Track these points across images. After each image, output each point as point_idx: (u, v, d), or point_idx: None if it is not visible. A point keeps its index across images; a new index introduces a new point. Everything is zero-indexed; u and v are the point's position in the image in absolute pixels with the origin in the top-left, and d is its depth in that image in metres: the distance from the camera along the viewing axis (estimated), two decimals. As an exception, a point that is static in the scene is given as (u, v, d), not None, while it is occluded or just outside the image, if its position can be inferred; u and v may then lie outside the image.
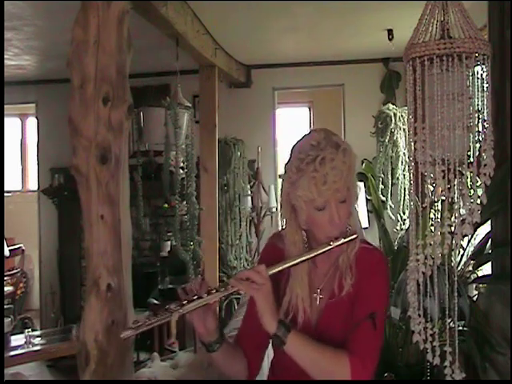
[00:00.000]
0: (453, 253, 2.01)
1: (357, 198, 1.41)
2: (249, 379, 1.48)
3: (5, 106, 5.52)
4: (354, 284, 1.39)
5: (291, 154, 1.38)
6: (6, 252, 5.66)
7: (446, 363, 1.36)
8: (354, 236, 1.37)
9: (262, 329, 1.34)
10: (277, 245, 1.46)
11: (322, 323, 1.43)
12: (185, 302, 1.28)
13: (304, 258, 1.35)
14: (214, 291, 1.30)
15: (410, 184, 1.42)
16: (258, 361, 1.51)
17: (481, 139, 1.33)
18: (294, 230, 1.41)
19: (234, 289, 1.30)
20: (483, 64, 1.33)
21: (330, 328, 1.42)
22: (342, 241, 1.35)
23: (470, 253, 2.68)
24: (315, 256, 1.36)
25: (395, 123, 4.83)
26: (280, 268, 1.34)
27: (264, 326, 1.30)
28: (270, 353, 1.56)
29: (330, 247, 1.34)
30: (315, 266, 1.46)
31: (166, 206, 5.05)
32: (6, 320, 4.27)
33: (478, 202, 1.29)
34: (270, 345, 1.48)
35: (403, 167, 4.87)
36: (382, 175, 4.91)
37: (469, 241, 2.64)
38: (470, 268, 2.72)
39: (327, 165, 1.28)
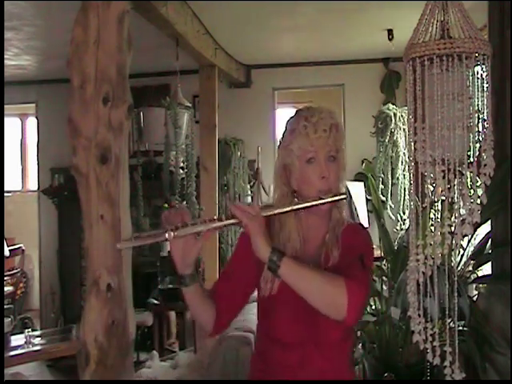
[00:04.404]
0: (453, 253, 2.01)
1: (344, 168, 1.50)
2: (213, 332, 1.51)
3: (5, 106, 5.52)
4: (340, 254, 1.46)
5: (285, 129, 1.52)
6: (6, 252, 5.66)
7: (446, 363, 1.35)
8: (343, 196, 1.45)
9: (240, 283, 1.49)
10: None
11: None
12: (179, 225, 1.33)
13: (295, 208, 1.41)
14: (209, 221, 1.35)
15: (410, 184, 1.42)
16: (226, 315, 1.53)
17: (481, 139, 1.33)
18: (286, 193, 1.50)
19: (229, 221, 1.35)
20: (483, 64, 1.33)
21: None
22: (332, 198, 1.42)
23: (470, 253, 2.68)
24: (305, 208, 1.42)
25: (395, 123, 4.83)
26: (272, 213, 1.40)
27: (257, 252, 1.33)
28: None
29: (320, 201, 1.41)
30: (308, 241, 1.51)
31: (166, 205, 5.05)
32: (6, 320, 4.27)
33: (478, 201, 1.29)
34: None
35: (403, 167, 4.88)
36: (382, 175, 4.91)
37: (469, 241, 2.64)
38: (470, 268, 2.73)
39: (316, 115, 1.45)
